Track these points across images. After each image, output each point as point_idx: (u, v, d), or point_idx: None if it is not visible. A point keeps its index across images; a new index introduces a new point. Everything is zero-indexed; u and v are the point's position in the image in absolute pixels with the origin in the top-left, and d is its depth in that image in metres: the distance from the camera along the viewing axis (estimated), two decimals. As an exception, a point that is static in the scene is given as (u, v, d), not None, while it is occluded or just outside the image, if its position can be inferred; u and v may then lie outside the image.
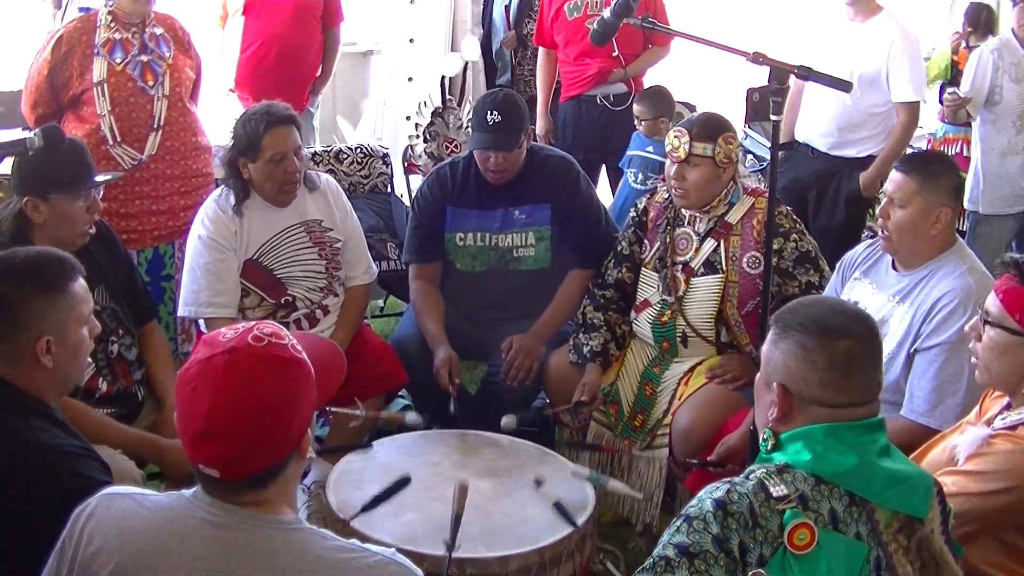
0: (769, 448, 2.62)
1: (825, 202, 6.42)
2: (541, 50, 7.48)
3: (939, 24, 9.76)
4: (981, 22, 8.78)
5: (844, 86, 3.82)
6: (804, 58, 4.69)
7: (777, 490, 2.45)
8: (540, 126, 7.43)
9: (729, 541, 2.39)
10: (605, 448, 4.63)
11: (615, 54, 6.94)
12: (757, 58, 3.63)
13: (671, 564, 2.39)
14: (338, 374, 2.60)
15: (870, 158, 6.29)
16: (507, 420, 4.35)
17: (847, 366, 2.54)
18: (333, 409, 4.33)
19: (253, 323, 2.31)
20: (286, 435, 2.25)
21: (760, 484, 2.46)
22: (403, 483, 3.72)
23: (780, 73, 3.60)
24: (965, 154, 7.95)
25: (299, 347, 2.31)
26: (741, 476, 2.53)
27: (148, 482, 4.08)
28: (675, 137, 4.55)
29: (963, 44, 8.86)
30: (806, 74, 3.64)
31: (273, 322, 2.36)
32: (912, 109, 6.21)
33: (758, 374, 2.75)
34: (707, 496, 2.48)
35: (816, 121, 6.36)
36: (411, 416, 4.36)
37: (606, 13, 4.04)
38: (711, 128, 4.53)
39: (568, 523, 3.63)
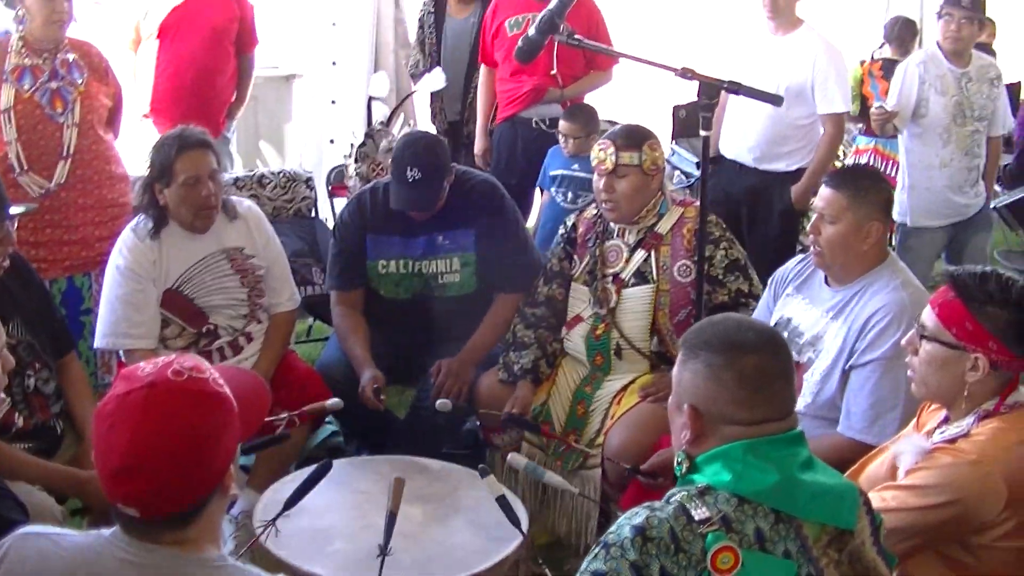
0: (684, 471, 2.57)
1: (758, 217, 6.45)
2: (483, 68, 7.38)
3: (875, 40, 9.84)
4: (895, 35, 8.88)
5: (774, 100, 3.82)
6: (729, 73, 4.70)
7: (699, 513, 2.39)
8: (478, 146, 7.40)
9: (648, 568, 2.33)
10: (545, 431, 4.58)
11: (553, 72, 6.85)
12: (686, 73, 3.61)
13: None
14: (262, 406, 2.53)
15: (800, 171, 6.33)
16: (442, 403, 4.31)
17: (757, 382, 2.49)
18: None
19: (173, 356, 2.24)
20: (208, 471, 2.18)
21: (681, 507, 2.41)
22: (324, 469, 3.61)
23: (709, 88, 3.59)
24: (874, 165, 8.07)
25: (221, 381, 2.24)
26: (661, 500, 2.48)
27: (71, 518, 4.00)
28: (600, 150, 4.55)
29: (870, 59, 8.96)
30: (736, 88, 3.64)
31: (194, 355, 2.29)
32: (838, 120, 6.27)
33: (670, 398, 2.70)
34: (626, 522, 2.42)
35: (741, 136, 6.37)
36: (331, 400, 4.29)
37: (531, 30, 4.00)
38: (635, 137, 4.54)
39: (512, 524, 3.57)
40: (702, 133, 3.67)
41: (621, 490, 4.34)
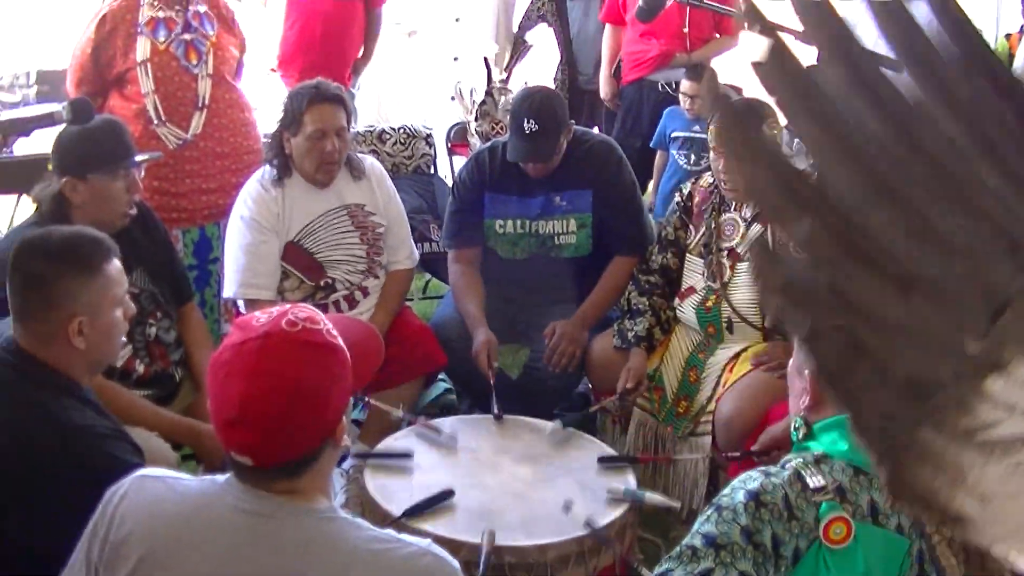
0: (800, 437, 2.56)
1: None
2: (607, 27, 7.38)
3: (988, 16, 9.58)
4: None
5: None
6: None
7: (814, 481, 2.38)
8: (604, 91, 7.43)
9: (759, 533, 2.33)
10: (642, 459, 4.47)
11: (685, 30, 6.84)
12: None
13: (697, 553, 2.34)
14: (375, 359, 2.54)
15: None
16: (554, 428, 4.23)
17: None
18: (372, 402, 4.27)
19: (288, 307, 2.26)
20: (320, 422, 2.20)
21: (796, 474, 2.40)
22: (446, 495, 3.62)
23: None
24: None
25: (335, 332, 2.25)
26: (777, 466, 2.47)
27: (184, 464, 4.06)
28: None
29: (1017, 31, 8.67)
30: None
31: (308, 306, 2.31)
32: None
33: (791, 360, 2.68)
34: (740, 486, 2.42)
35: None
36: (446, 435, 4.11)
37: None
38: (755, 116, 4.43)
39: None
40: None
41: (730, 462, 4.31)
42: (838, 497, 2.35)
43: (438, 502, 3.57)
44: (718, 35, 7.09)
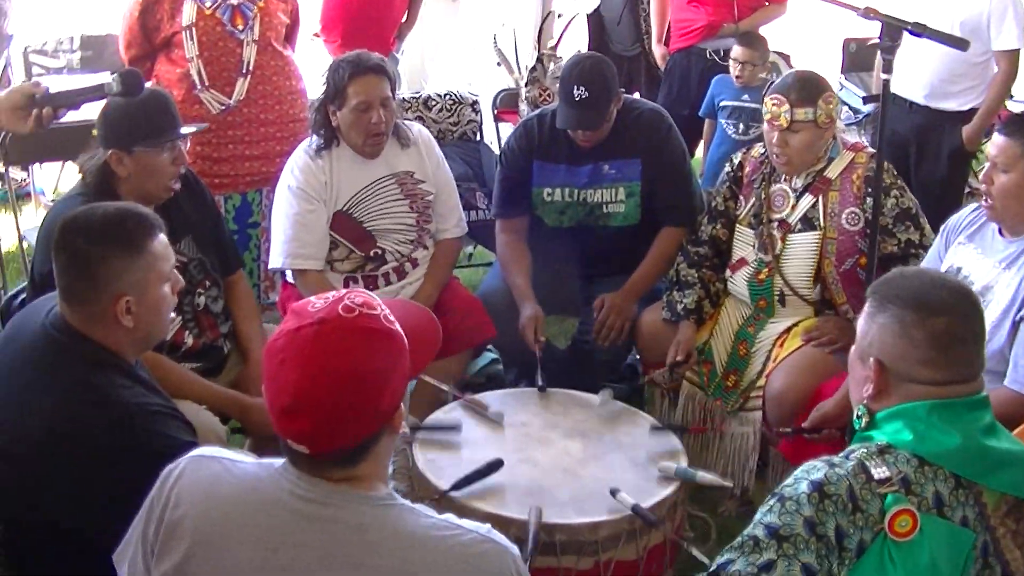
0: (863, 426, 2.51)
1: (926, 157, 6.28)
2: None
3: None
4: None
5: (961, 44, 3.68)
6: (903, 7, 4.53)
7: (879, 472, 2.34)
8: (658, 55, 7.40)
9: (823, 525, 2.28)
10: (694, 429, 4.50)
11: None
12: (868, 13, 3.50)
13: (759, 544, 2.30)
14: (433, 344, 2.50)
15: (972, 111, 6.15)
16: (603, 396, 4.23)
17: (947, 344, 2.42)
18: (422, 377, 4.22)
19: (343, 292, 2.22)
20: (377, 410, 2.16)
21: (861, 465, 2.35)
22: (496, 466, 3.60)
23: (893, 29, 3.48)
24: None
25: (392, 318, 2.21)
26: (840, 456, 2.42)
27: (232, 437, 4.05)
28: (774, 105, 4.40)
29: None
30: (920, 31, 3.52)
31: (365, 291, 2.27)
32: (1013, 58, 6.05)
33: (852, 347, 2.64)
34: (804, 476, 2.37)
35: (913, 73, 6.12)
36: (493, 411, 4.15)
37: None
38: (810, 91, 4.37)
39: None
40: (883, 76, 3.55)
41: (781, 437, 4.28)
42: (903, 489, 2.31)
43: (488, 473, 3.56)
44: (767, 3, 7.04)
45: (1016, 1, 6.01)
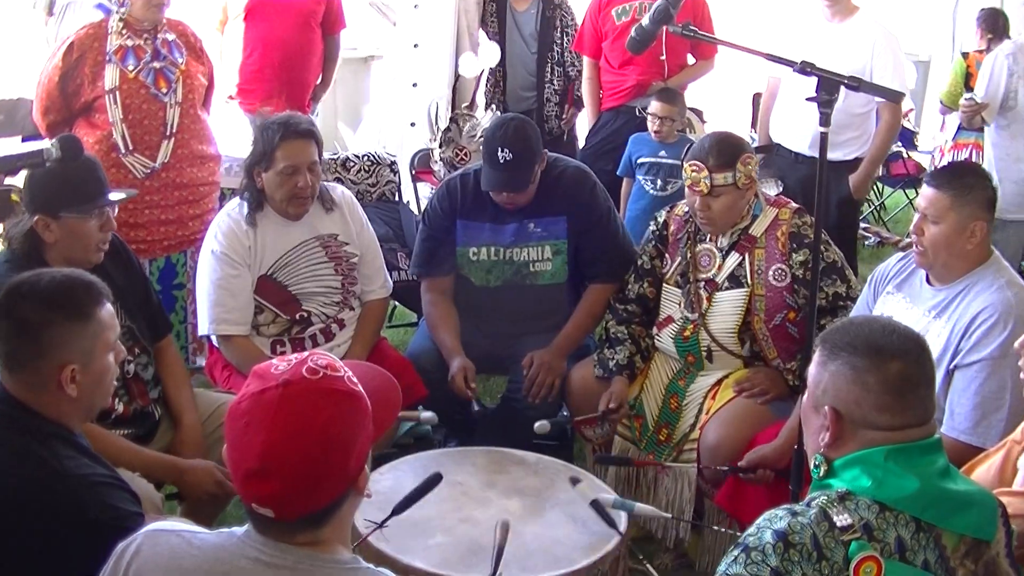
0: (821, 475, 2.53)
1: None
2: (585, 61, 7.36)
3: (944, 31, 9.71)
4: (999, 28, 8.67)
5: (895, 96, 3.75)
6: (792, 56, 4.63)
7: (841, 519, 2.36)
8: (591, 121, 7.42)
9: (789, 574, 2.30)
10: (637, 462, 4.52)
11: (662, 57, 6.85)
12: (805, 68, 3.55)
13: None
14: (395, 406, 2.49)
15: (857, 160, 6.31)
16: (540, 425, 4.26)
17: (902, 388, 2.45)
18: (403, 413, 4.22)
19: (307, 354, 2.22)
20: (343, 471, 2.15)
21: (823, 512, 2.37)
22: (434, 481, 3.61)
23: (829, 84, 3.52)
24: (975, 159, 7.89)
25: (355, 379, 2.21)
26: (802, 504, 2.44)
27: (167, 502, 4.00)
28: (693, 171, 4.44)
29: (985, 49, 8.66)
30: (856, 85, 3.57)
31: (327, 353, 2.26)
32: (895, 108, 6.21)
33: (805, 397, 2.66)
34: (767, 526, 2.39)
35: (797, 125, 6.30)
36: (425, 413, 4.23)
37: (645, 20, 3.94)
38: (728, 155, 4.42)
39: (608, 525, 3.60)
40: (820, 129, 3.61)
41: (716, 485, 4.31)
42: (866, 535, 2.33)
43: (428, 490, 3.57)
44: (695, 60, 7.13)
45: (897, 52, 6.19)
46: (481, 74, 7.76)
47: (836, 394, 2.50)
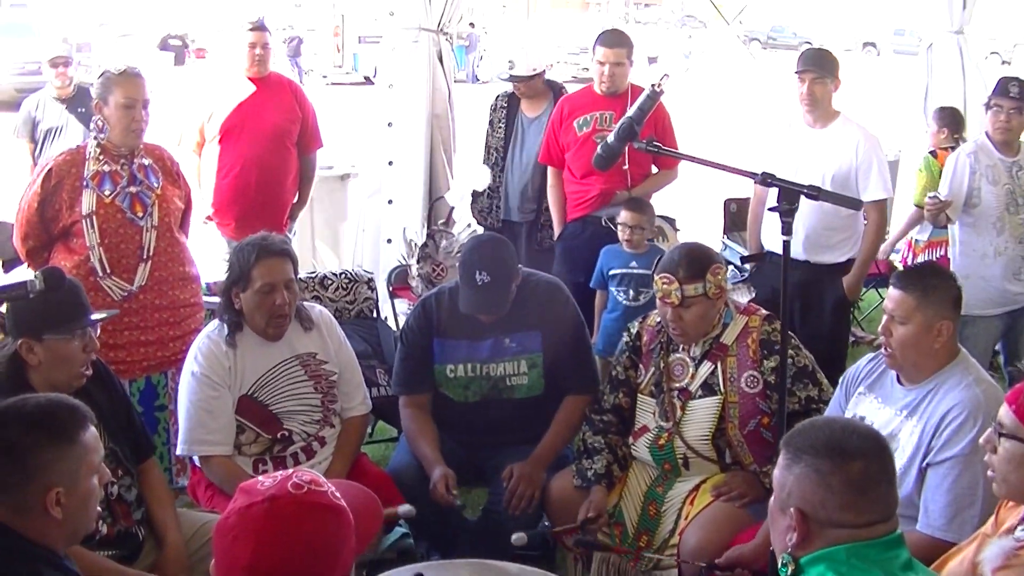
0: (788, 574, 2.59)
1: (811, 310, 6.45)
2: (550, 170, 7.36)
3: (917, 128, 9.86)
4: (959, 124, 8.79)
5: (854, 205, 3.84)
6: (770, 167, 4.71)
7: None
8: (556, 232, 7.38)
9: None
10: (616, 549, 4.53)
11: (625, 167, 6.84)
12: (766, 179, 3.64)
13: None
14: (376, 521, 2.55)
15: (849, 262, 6.39)
16: (517, 537, 4.28)
17: (864, 487, 2.54)
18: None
19: (291, 471, 2.28)
20: (328, 584, 2.20)
21: None
22: None
23: (790, 193, 3.62)
24: (950, 256, 7.99)
25: (338, 494, 2.27)
26: None
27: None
28: (664, 284, 4.52)
29: (949, 148, 8.69)
30: (816, 194, 3.66)
31: (310, 470, 2.32)
32: (881, 207, 6.34)
33: (772, 499, 2.73)
34: None
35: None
36: (404, 508, 4.26)
37: (610, 137, 4.03)
38: (697, 267, 4.51)
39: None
40: (783, 238, 3.69)
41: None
42: None
43: None
44: (656, 169, 7.15)
45: (880, 154, 6.31)
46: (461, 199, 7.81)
47: (801, 495, 2.58)
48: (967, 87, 9.85)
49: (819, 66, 6.30)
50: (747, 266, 7.82)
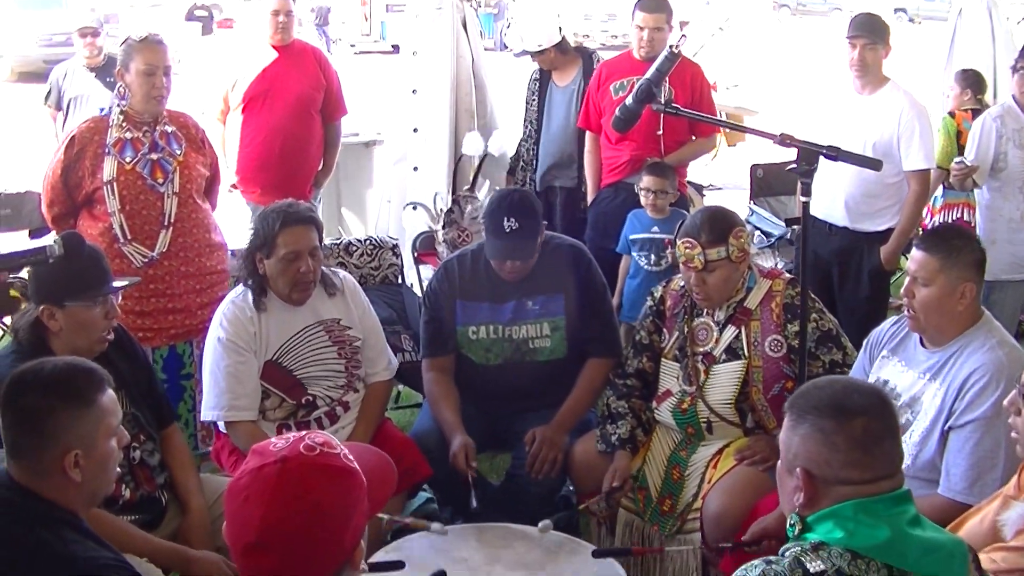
0: (796, 533, 2.60)
1: (848, 278, 6.39)
2: (588, 135, 7.33)
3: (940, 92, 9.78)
4: (981, 86, 8.68)
5: (873, 164, 3.81)
6: (817, 132, 4.66)
7: (814, 566, 2.46)
8: (591, 197, 7.38)
9: None
10: (636, 551, 4.46)
11: (659, 133, 6.85)
12: (784, 140, 3.61)
13: None
14: (390, 484, 2.53)
15: (889, 231, 6.28)
16: (544, 525, 4.24)
17: (867, 443, 2.56)
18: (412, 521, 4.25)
19: (304, 433, 2.28)
20: (340, 546, 2.20)
21: (796, 561, 2.47)
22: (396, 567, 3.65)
23: (808, 154, 3.59)
24: (966, 219, 7.94)
25: (351, 456, 2.27)
26: (776, 555, 2.52)
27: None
28: (687, 248, 4.50)
29: (971, 110, 8.62)
30: (835, 154, 3.63)
31: (324, 432, 2.32)
32: (924, 177, 6.21)
33: (779, 461, 2.73)
34: (742, 575, 2.46)
35: (831, 196, 6.26)
36: (435, 525, 4.21)
37: (629, 99, 4.00)
38: (719, 231, 4.48)
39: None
40: (801, 199, 3.67)
41: (721, 553, 4.32)
42: None
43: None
44: (694, 137, 7.10)
45: (924, 122, 6.18)
46: (485, 157, 7.79)
47: (807, 455, 2.59)
48: (996, 52, 9.78)
49: (871, 31, 6.19)
50: (780, 231, 7.79)
